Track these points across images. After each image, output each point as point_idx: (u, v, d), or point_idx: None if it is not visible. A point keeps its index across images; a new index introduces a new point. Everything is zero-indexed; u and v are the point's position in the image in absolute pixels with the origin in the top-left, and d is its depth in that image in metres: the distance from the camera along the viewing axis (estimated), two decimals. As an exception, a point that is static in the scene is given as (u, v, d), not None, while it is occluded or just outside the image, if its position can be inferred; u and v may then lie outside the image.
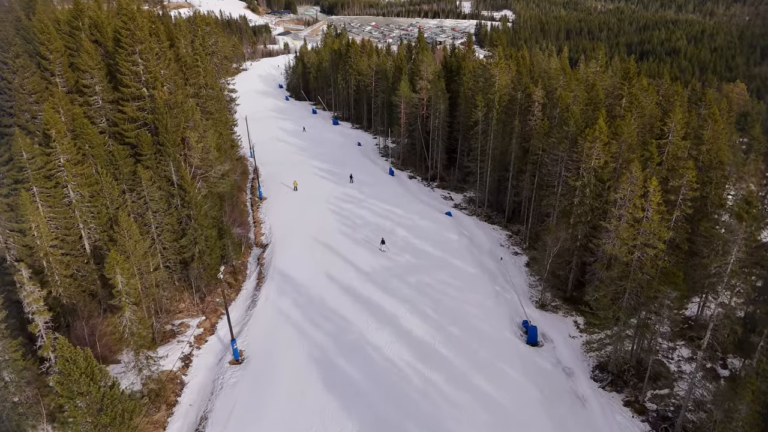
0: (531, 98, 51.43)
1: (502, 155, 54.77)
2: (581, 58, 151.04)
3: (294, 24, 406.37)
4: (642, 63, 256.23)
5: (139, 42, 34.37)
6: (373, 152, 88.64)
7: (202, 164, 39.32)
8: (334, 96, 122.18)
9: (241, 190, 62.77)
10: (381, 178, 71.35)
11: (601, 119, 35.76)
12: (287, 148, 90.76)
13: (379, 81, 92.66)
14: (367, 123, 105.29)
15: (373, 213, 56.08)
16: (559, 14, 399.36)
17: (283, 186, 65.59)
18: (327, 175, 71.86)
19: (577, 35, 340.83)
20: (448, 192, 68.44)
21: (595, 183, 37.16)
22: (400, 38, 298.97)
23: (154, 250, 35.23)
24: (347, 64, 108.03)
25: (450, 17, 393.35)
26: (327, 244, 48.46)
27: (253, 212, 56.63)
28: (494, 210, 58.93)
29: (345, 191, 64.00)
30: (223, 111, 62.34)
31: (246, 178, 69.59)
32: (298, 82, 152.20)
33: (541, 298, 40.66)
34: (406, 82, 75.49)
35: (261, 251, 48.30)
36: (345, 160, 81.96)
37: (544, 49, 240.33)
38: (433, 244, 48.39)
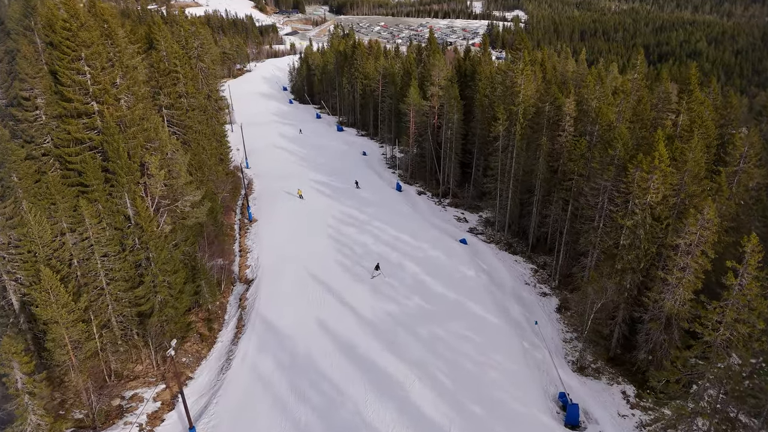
0: (561, 111, 44.14)
1: (526, 175, 47.45)
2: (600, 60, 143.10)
3: (302, 24, 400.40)
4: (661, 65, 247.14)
5: (84, 45, 27.55)
6: (379, 163, 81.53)
7: (169, 193, 32.44)
8: (339, 100, 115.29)
9: (230, 209, 55.91)
10: (387, 195, 64.22)
11: (661, 144, 28.36)
12: (286, 157, 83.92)
13: (387, 86, 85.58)
14: (374, 130, 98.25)
15: (376, 240, 48.97)
16: (572, 15, 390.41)
17: (278, 203, 58.69)
18: (327, 190, 64.85)
19: (591, 36, 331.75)
20: (461, 211, 61.19)
21: (651, 223, 29.78)
22: (410, 39, 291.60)
23: (102, 304, 28.38)
24: (353, 66, 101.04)
25: (461, 17, 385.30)
26: (321, 280, 41.40)
27: (240, 238, 49.72)
28: (515, 236, 51.60)
29: (346, 210, 56.94)
30: (210, 122, 55.55)
31: (237, 194, 62.77)
32: (302, 84, 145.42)
33: (579, 359, 33.33)
34: (415, 88, 68.32)
35: (245, 288, 41.32)
36: (348, 172, 74.89)
37: (559, 50, 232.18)
38: (447, 282, 41.15)
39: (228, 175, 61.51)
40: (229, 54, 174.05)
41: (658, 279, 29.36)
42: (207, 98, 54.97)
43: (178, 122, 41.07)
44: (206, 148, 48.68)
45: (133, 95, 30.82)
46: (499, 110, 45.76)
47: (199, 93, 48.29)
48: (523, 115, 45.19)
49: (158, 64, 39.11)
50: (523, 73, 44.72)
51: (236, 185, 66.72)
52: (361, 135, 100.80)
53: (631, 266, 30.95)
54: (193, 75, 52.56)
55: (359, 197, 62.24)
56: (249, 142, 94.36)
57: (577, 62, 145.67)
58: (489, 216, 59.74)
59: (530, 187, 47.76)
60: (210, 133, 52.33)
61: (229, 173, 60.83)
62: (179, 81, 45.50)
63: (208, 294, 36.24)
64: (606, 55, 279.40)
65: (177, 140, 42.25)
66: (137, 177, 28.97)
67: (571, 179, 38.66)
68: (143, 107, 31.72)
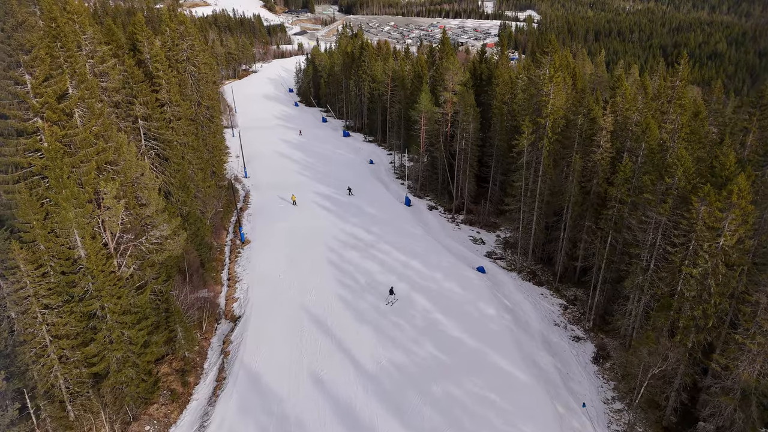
0: (595, 124, 38.31)
1: (554, 196, 41.64)
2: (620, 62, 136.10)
3: (311, 24, 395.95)
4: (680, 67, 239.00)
5: (21, 49, 22.23)
6: (387, 173, 75.93)
7: (134, 226, 27.07)
8: (346, 104, 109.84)
9: (221, 228, 50.54)
10: (395, 211, 58.56)
11: (742, 176, 22.48)
12: (288, 165, 78.51)
13: (396, 89, 79.98)
14: (381, 136, 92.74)
15: (382, 266, 43.38)
16: (586, 15, 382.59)
17: (275, 221, 53.25)
18: (330, 205, 59.36)
19: (606, 37, 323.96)
20: (477, 230, 55.44)
21: (725, 272, 23.90)
22: (420, 39, 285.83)
23: (45, 368, 23.03)
24: (360, 68, 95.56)
25: (472, 17, 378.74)
26: (318, 319, 35.87)
27: (230, 263, 44.27)
28: (539, 261, 45.79)
29: (350, 230, 51.42)
30: (200, 131, 50.27)
31: (232, 210, 57.44)
32: (309, 86, 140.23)
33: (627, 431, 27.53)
34: (427, 94, 62.62)
35: (230, 328, 35.86)
36: (354, 183, 69.29)
37: (575, 51, 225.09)
38: (465, 323, 35.42)
39: (222, 189, 56.23)
40: (234, 54, 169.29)
41: (733, 342, 23.50)
42: (197, 105, 49.68)
43: (157, 135, 35.68)
44: (193, 163, 43.36)
45: (89, 108, 25.39)
46: (524, 122, 39.93)
47: (187, 100, 42.92)
48: (552, 129, 39.38)
49: (131, 70, 33.72)
50: (553, 81, 38.87)
51: (232, 198, 61.46)
52: (369, 141, 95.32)
53: (696, 323, 25.08)
54: (180, 80, 47.30)
55: (365, 214, 56.68)
56: (250, 148, 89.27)
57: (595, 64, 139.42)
58: (508, 236, 53.98)
59: (558, 209, 41.95)
60: (199, 144, 47.00)
61: (222, 186, 55.51)
62: (161, 87, 40.21)
63: (184, 340, 30.83)
64: (622, 56, 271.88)
65: (156, 156, 36.95)
66: (89, 210, 23.56)
67: (611, 206, 32.80)
68: (104, 123, 26.29)
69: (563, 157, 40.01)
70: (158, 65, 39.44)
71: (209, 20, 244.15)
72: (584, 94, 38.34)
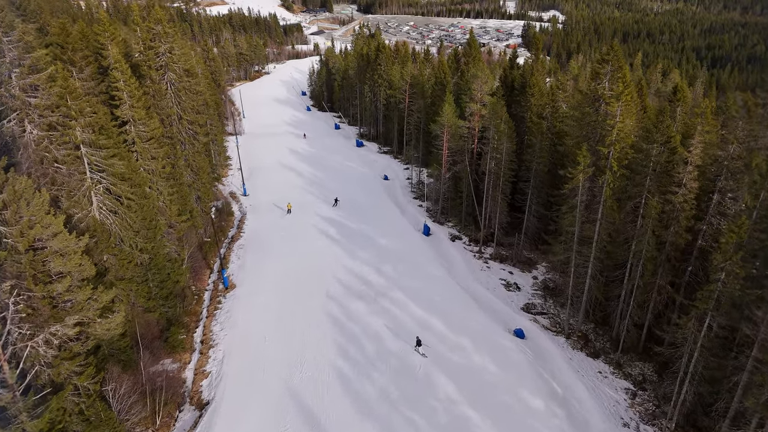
0: (674, 155, 29.17)
1: (616, 246, 32.51)
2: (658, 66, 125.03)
3: (329, 23, 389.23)
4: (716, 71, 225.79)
5: None
6: (403, 191, 67.16)
7: (41, 310, 18.87)
8: (360, 110, 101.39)
9: (204, 267, 42.32)
10: (411, 242, 49.84)
11: None
12: (293, 180, 70.36)
13: (415, 97, 71.20)
14: (398, 147, 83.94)
15: (395, 325, 34.73)
16: (612, 15, 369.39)
17: (270, 257, 44.91)
18: (335, 233, 50.88)
19: (635, 38, 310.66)
20: (509, 269, 46.44)
21: None
22: (441, 39, 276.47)
23: None
24: (376, 72, 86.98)
25: (494, 17, 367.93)
26: (309, 411, 27.26)
27: (208, 318, 35.89)
28: (591, 321, 36.62)
29: (357, 269, 42.87)
30: (182, 151, 42.17)
31: (225, 233, 49.27)
32: (322, 90, 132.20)
33: None
34: (451, 105, 53.70)
35: (194, 420, 27.47)
36: (364, 203, 60.95)
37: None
38: (503, 423, 26.56)
39: (209, 215, 48.09)
40: (246, 55, 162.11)
41: None
42: (178, 120, 41.52)
43: (105, 166, 27.49)
44: (164, 193, 35.16)
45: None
46: (579, 152, 30.80)
47: (152, 122, 34.72)
48: (618, 161, 30.22)
49: (65, 83, 25.55)
50: (622, 100, 29.66)
51: (224, 221, 53.39)
52: (383, 152, 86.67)
53: None
54: (155, 91, 39.19)
55: (376, 246, 48.09)
56: (254, 158, 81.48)
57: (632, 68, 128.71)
58: (547, 277, 44.93)
59: (621, 262, 32.79)
60: (177, 168, 38.84)
61: (206, 212, 47.30)
62: (122, 102, 32.09)
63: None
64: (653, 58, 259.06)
65: (106, 192, 28.77)
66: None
67: (713, 279, 23.59)
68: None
69: (630, 197, 30.85)
70: (117, 74, 31.27)
71: (224, 19, 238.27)
72: (662, 116, 29.06)
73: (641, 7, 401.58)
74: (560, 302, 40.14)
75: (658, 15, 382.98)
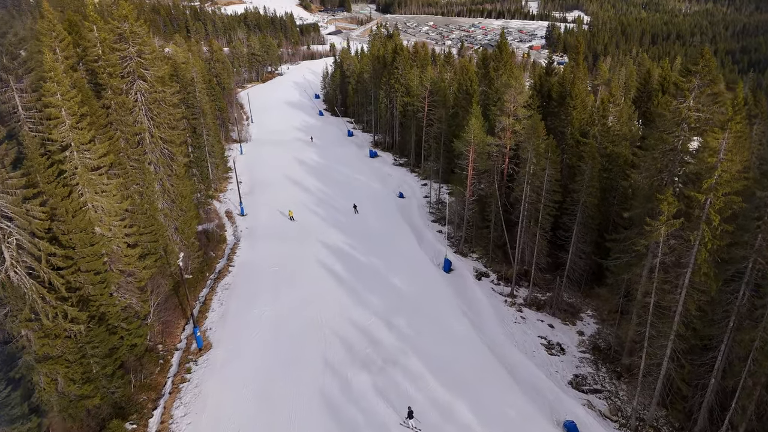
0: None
1: (707, 324, 24.22)
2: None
3: (347, 23, 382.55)
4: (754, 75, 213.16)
5: None
6: (420, 212, 59.22)
7: None
8: (375, 117, 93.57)
9: (179, 317, 34.91)
10: (430, 282, 42.01)
11: None
12: (298, 197, 63.05)
13: (435, 105, 63.24)
14: (415, 158, 75.88)
15: (411, 406, 26.92)
16: (639, 15, 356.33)
17: (259, 302, 37.38)
18: (342, 270, 43.27)
19: (664, 40, 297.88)
20: (549, 321, 38.25)
21: None
22: (461, 40, 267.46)
23: None
24: (392, 77, 79.14)
25: (516, 17, 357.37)
26: None
27: (170, 395, 28.30)
28: (663, 404, 28.33)
29: (364, 321, 35.16)
30: (155, 174, 34.87)
31: (207, 272, 41.89)
32: (335, 93, 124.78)
33: None
34: (478, 119, 45.66)
35: None
36: (376, 228, 53.46)
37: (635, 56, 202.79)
38: None
39: (190, 246, 40.71)
40: (258, 56, 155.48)
41: None
42: (149, 139, 34.21)
43: (13, 214, 20.16)
44: (118, 234, 27.81)
45: None
46: (662, 198, 22.54)
47: (125, 134, 27.40)
48: (719, 212, 21.93)
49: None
50: (730, 131, 21.36)
51: (213, 248, 46.16)
52: (399, 164, 78.80)
53: None
54: (120, 105, 31.91)
55: (387, 287, 40.34)
56: (257, 170, 74.44)
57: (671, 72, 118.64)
58: (595, 333, 36.69)
59: (710, 342, 24.52)
60: (141, 205, 31.46)
61: (188, 244, 39.88)
62: (61, 123, 24.80)
63: None
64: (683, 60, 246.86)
65: (19, 249, 21.43)
66: None
67: None
68: None
69: (732, 261, 22.57)
70: (52, 86, 23.99)
71: (238, 19, 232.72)
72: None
73: (668, 8, 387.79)
74: (617, 371, 31.97)
75: (687, 16, 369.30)
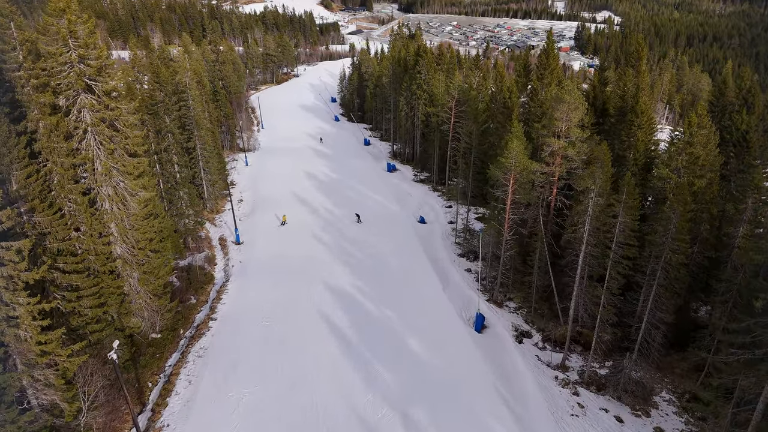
0: None
1: None
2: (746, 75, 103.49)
3: (368, 22, 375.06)
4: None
5: None
6: (445, 242, 50.54)
7: None
8: (394, 125, 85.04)
9: (143, 387, 26.92)
10: (459, 349, 33.42)
11: None
12: (305, 220, 55.15)
13: (463, 117, 54.46)
14: (438, 174, 67.13)
15: None
16: (672, 16, 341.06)
17: (241, 372, 29.17)
18: (348, 326, 34.96)
19: (700, 42, 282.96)
20: (615, 411, 29.23)
21: None
22: (486, 41, 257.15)
23: None
24: (414, 82, 70.49)
25: (542, 17, 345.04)
26: None
27: None
28: None
29: (370, 414, 26.68)
30: (108, 215, 26.82)
31: (182, 328, 33.87)
32: (352, 98, 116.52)
33: None
34: (520, 140, 36.70)
35: None
36: (392, 265, 45.22)
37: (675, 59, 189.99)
38: None
39: (159, 297, 32.64)
40: (273, 56, 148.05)
41: None
42: (104, 178, 26.19)
43: None
44: (24, 317, 19.77)
45: None
46: None
47: (59, 165, 19.41)
48: None
49: None
50: None
51: (196, 292, 38.18)
52: (419, 180, 70.11)
53: None
54: (51, 128, 23.94)
55: (404, 355, 31.85)
56: (262, 185, 66.79)
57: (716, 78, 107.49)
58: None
59: None
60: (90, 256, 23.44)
61: (157, 295, 31.79)
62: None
63: None
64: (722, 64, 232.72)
65: None
66: None
67: None
68: None
69: None
70: None
71: (256, 18, 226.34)
72: None
73: (702, 9, 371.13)
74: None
75: (723, 17, 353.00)
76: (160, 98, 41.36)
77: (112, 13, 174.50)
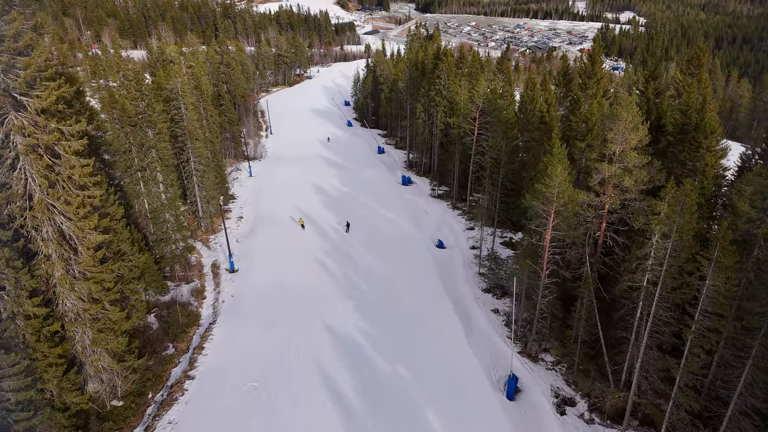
0: None
1: None
2: None
3: (384, 22, 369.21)
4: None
5: None
6: (467, 273, 44.03)
7: None
8: (410, 132, 78.71)
9: None
10: (487, 419, 27.06)
11: None
12: (309, 243, 49.24)
13: (488, 128, 47.98)
14: (458, 189, 60.62)
15: None
16: (698, 17, 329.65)
17: None
18: (352, 391, 28.86)
19: (729, 44, 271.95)
20: None
21: None
22: (506, 42, 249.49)
23: None
24: (432, 87, 64.12)
25: (563, 18, 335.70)
26: None
27: None
28: None
29: None
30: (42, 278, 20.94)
31: (155, 387, 28.10)
32: (366, 102, 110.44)
33: None
34: (564, 165, 30.15)
35: None
36: (405, 304, 38.92)
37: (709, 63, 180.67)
38: None
39: (124, 355, 26.75)
40: (285, 57, 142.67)
41: None
42: (44, 212, 20.39)
43: None
44: None
45: None
46: None
47: None
48: None
49: None
50: None
51: (176, 338, 32.36)
52: (438, 195, 63.64)
53: None
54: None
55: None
56: (264, 199, 61.22)
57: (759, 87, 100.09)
58: None
59: None
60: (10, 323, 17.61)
61: (119, 353, 25.95)
62: None
63: None
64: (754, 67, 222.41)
65: None
66: None
67: None
68: None
69: None
70: None
71: (270, 17, 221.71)
72: None
73: (729, 10, 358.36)
74: None
75: (751, 18, 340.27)
76: (141, 108, 35.62)
77: (123, 12, 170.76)
